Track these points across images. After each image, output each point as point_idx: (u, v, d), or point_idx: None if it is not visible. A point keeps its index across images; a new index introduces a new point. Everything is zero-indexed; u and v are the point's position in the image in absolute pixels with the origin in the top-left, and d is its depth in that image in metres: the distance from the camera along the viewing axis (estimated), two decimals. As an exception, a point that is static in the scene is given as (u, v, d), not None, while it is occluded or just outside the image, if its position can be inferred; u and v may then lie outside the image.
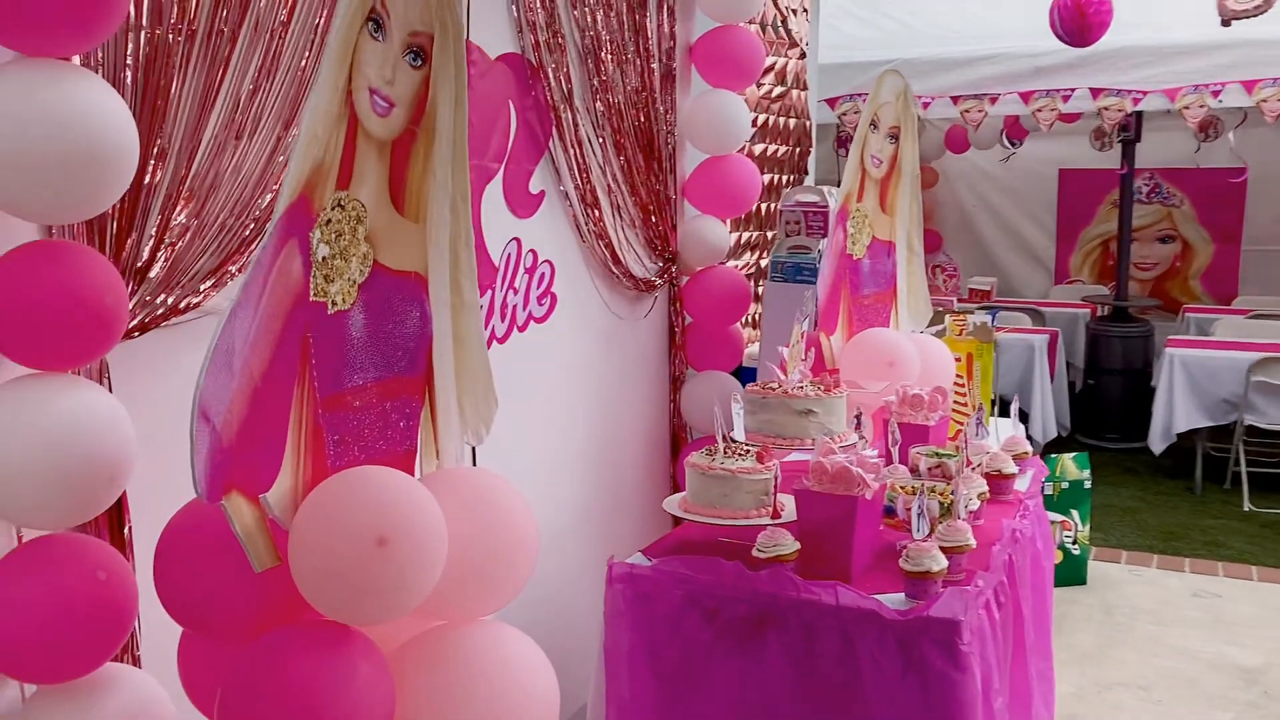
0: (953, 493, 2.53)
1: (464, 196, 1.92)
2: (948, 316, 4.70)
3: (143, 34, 2.06)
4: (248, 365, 1.53)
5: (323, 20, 2.23)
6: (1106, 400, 7.89)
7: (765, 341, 4.44)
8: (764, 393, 2.81)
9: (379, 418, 1.82)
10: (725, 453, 2.50)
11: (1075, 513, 5.25)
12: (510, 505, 1.86)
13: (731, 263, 5.14)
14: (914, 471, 2.85)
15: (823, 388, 2.83)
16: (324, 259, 1.66)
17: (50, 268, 1.72)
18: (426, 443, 1.96)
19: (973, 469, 2.89)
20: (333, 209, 1.66)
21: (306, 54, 2.29)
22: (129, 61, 2.04)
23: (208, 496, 1.52)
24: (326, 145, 1.63)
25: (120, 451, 1.80)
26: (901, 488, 2.65)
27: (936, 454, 2.86)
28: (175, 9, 2.12)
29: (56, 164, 1.68)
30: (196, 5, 2.16)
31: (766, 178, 5.34)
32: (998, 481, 2.97)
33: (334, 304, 1.70)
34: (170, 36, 2.11)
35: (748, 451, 2.50)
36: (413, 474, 1.90)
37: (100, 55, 1.98)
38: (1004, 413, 4.09)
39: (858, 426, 2.96)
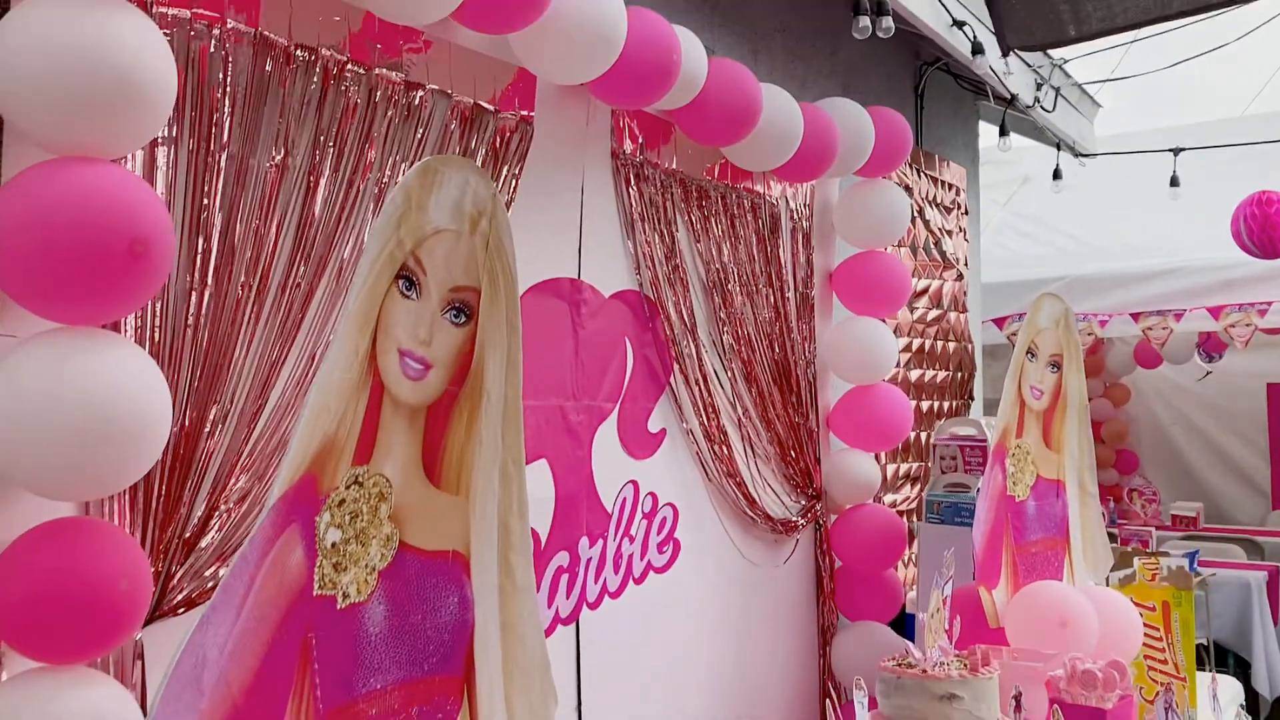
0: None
1: (517, 462, 1.71)
2: (1137, 559, 4.15)
3: (207, 292, 1.99)
4: (224, 679, 1.32)
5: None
6: (1347, 647, 6.87)
7: (922, 594, 4.01)
8: (898, 672, 2.42)
9: (402, 727, 1.57)
10: (845, 751, 2.11)
11: (1314, 794, 4.42)
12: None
13: (889, 497, 4.78)
14: (1088, 770, 2.37)
15: (967, 665, 2.42)
16: (334, 545, 1.46)
17: (56, 553, 1.57)
18: (465, 753, 1.69)
19: (1162, 771, 2.38)
20: (348, 487, 1.48)
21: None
22: (190, 321, 1.96)
23: (157, 846, 1.29)
24: (340, 417, 1.46)
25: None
26: (1068, 798, 2.18)
27: (1115, 749, 2.37)
28: (249, 265, 2.05)
29: (71, 442, 1.56)
30: (270, 261, 2.09)
31: (925, 404, 5.01)
32: (1197, 785, 2.44)
33: (345, 596, 1.49)
34: (240, 292, 2.04)
35: (871, 753, 2.11)
36: (444, 793, 1.62)
37: (156, 317, 1.91)
38: (1220, 664, 3.50)
39: (1017, 709, 2.51)
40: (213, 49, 2.01)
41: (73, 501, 1.70)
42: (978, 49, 4.18)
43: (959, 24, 4.20)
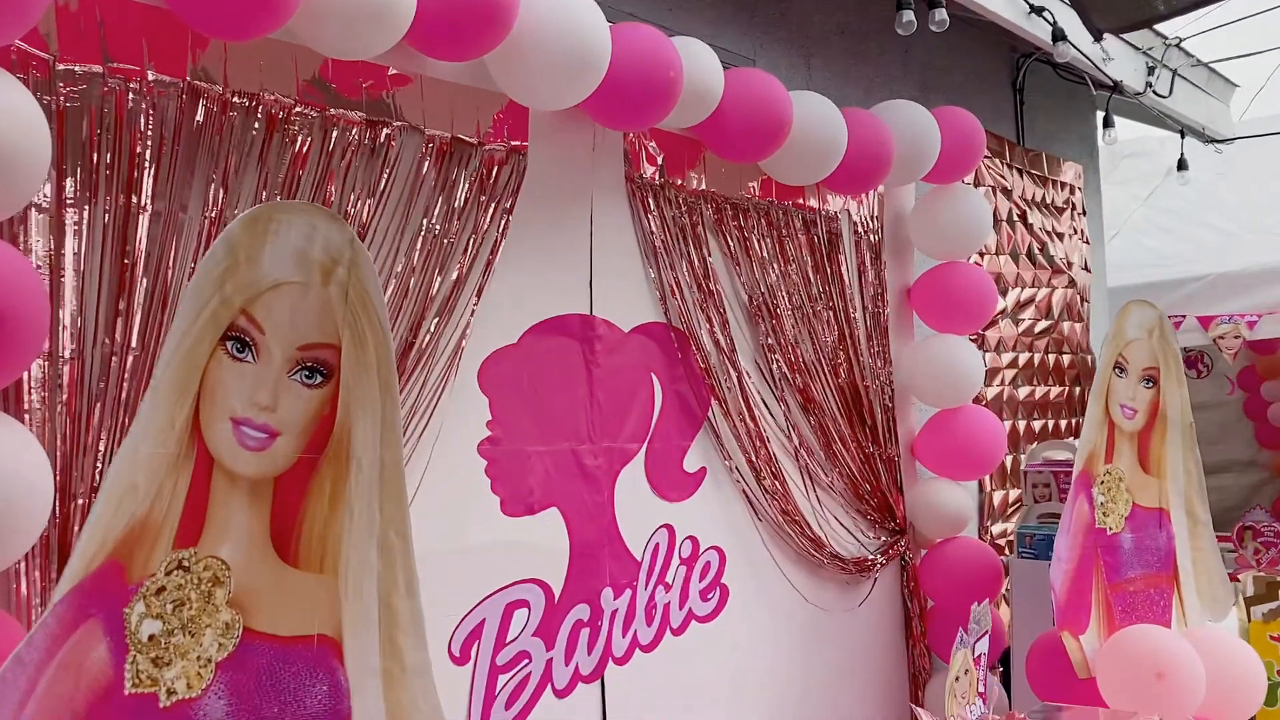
0: None
1: (400, 533, 1.55)
2: (1283, 592, 3.69)
3: (130, 355, 1.91)
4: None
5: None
6: None
7: (1017, 635, 3.65)
8: (919, 743, 2.14)
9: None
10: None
11: None
12: None
13: (998, 525, 4.40)
14: None
15: (998, 739, 2.12)
16: (152, 638, 1.33)
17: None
18: None
19: None
20: (168, 573, 1.35)
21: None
22: (110, 387, 1.89)
23: None
24: (153, 497, 1.34)
25: None
26: None
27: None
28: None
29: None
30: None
31: (1036, 424, 4.61)
32: None
33: (171, 693, 1.35)
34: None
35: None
36: None
37: (73, 383, 1.84)
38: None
39: (1075, 784, 2.18)
40: (131, 103, 1.94)
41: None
42: (1059, 35, 3.80)
43: (1036, 10, 3.83)
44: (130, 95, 1.95)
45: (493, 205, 2.55)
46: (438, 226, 2.42)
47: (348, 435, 1.50)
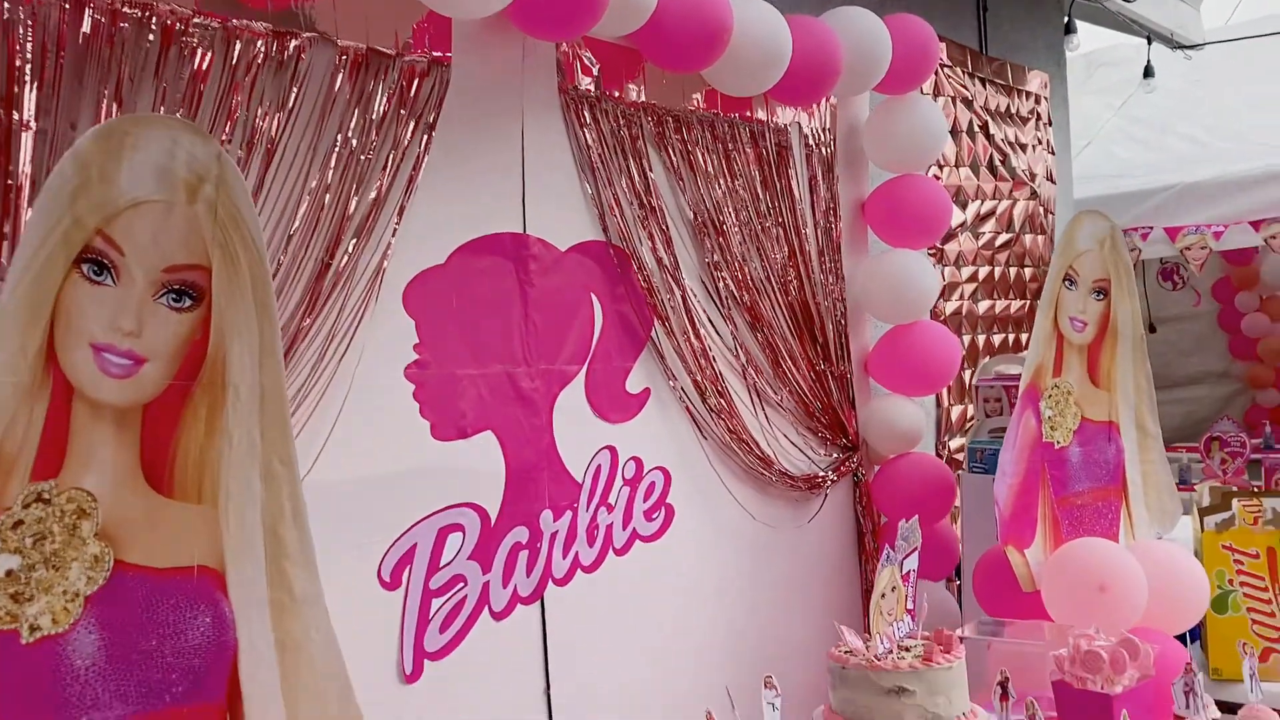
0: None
1: (285, 460, 1.49)
2: (1236, 501, 3.66)
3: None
4: None
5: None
6: None
7: (967, 550, 3.65)
8: (844, 660, 2.12)
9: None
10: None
11: None
12: None
13: (956, 440, 4.39)
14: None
15: (922, 653, 2.09)
16: (11, 573, 1.28)
17: None
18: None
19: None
20: (26, 506, 1.29)
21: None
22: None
23: None
24: (4, 427, 1.27)
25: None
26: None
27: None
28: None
29: None
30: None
31: (996, 338, 4.57)
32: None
33: (34, 629, 1.31)
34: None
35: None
36: None
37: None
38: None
39: (1003, 697, 2.17)
40: (6, 12, 1.84)
41: None
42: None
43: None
44: (5, 4, 1.84)
45: (413, 120, 2.45)
46: (354, 141, 2.33)
47: (222, 361, 1.44)
